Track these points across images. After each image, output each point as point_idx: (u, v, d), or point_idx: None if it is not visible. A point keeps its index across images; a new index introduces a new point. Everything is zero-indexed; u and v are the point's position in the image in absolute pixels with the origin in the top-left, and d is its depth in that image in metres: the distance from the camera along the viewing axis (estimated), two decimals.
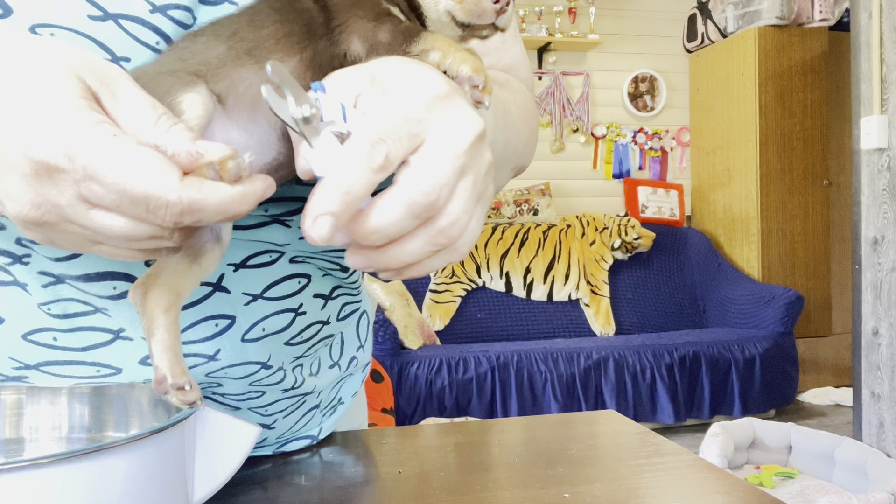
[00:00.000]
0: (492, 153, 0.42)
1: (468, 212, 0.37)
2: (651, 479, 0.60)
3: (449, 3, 0.42)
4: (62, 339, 0.50)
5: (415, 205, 0.35)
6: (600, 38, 4.49)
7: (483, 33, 0.43)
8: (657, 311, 4.23)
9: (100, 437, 0.53)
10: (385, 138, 0.34)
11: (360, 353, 0.73)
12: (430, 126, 0.36)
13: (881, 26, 2.74)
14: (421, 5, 0.43)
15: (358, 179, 0.33)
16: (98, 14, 0.42)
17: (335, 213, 0.33)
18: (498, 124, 0.51)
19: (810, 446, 2.62)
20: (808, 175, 4.26)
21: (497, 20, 0.42)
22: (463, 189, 0.37)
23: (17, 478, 0.35)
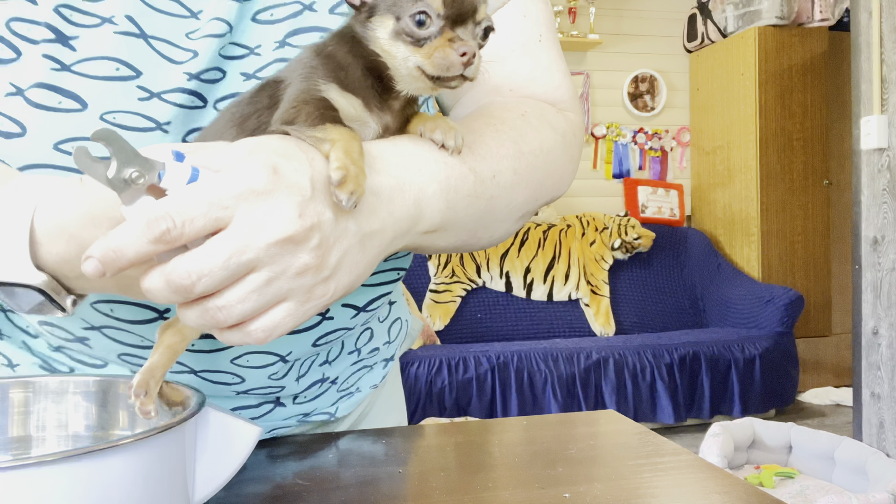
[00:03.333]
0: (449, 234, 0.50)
1: (249, 302, 0.40)
2: (651, 479, 0.60)
3: (418, 60, 0.46)
4: (117, 311, 0.58)
5: (171, 282, 0.39)
6: (600, 38, 4.49)
7: (452, 84, 0.46)
8: (657, 311, 4.23)
9: (106, 435, 0.53)
10: (173, 215, 0.38)
11: (385, 347, 0.77)
12: (235, 215, 0.39)
13: (881, 26, 2.74)
14: (391, 66, 0.47)
15: (128, 243, 0.38)
16: (146, 95, 0.54)
17: (100, 259, 0.38)
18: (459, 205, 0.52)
19: (810, 446, 2.62)
20: (808, 175, 4.26)
21: (465, 71, 0.45)
22: (250, 281, 0.40)
23: (20, 475, 0.36)
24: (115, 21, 0.53)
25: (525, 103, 0.62)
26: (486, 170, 0.53)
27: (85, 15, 0.53)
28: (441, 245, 0.54)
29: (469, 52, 0.45)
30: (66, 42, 0.52)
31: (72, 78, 0.52)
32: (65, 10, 0.52)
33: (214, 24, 0.56)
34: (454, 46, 0.45)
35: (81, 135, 0.52)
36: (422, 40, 0.46)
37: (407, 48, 0.46)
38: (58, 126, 0.51)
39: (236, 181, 0.39)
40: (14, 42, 0.51)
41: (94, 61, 0.52)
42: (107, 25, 0.53)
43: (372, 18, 0.47)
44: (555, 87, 0.66)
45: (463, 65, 0.45)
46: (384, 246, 0.47)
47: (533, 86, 0.65)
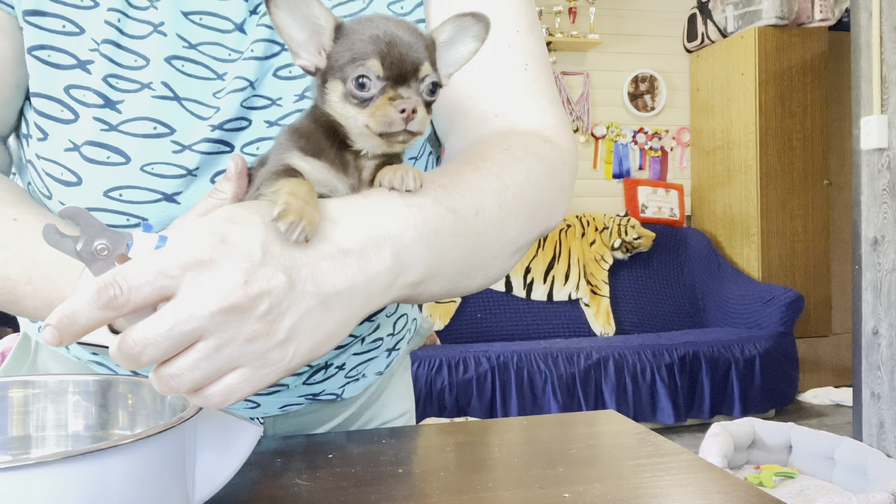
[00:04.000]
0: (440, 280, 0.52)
1: (199, 370, 0.41)
2: (651, 479, 0.60)
3: (364, 119, 0.49)
4: None
5: (122, 350, 0.40)
6: (600, 38, 4.49)
7: (399, 139, 0.49)
8: (657, 311, 4.23)
9: (105, 435, 0.53)
10: (120, 282, 0.39)
11: (389, 338, 0.80)
12: (181, 284, 0.40)
13: (881, 26, 2.74)
14: (346, 126, 0.51)
15: (80, 309, 0.40)
16: (178, 148, 0.61)
17: (55, 326, 0.40)
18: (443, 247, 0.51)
19: (810, 446, 2.62)
20: (808, 175, 4.26)
21: (409, 126, 0.49)
22: (198, 350, 0.41)
23: (20, 476, 0.36)
24: (153, 87, 0.61)
25: (509, 137, 0.63)
26: (467, 207, 0.53)
27: (128, 82, 0.61)
28: (435, 291, 0.54)
29: (408, 109, 0.48)
30: (114, 106, 0.60)
31: (118, 136, 0.60)
32: (112, 79, 0.60)
33: (236, 82, 0.63)
34: (394, 104, 0.48)
35: (127, 184, 0.60)
36: (365, 101, 0.49)
37: (354, 109, 0.50)
38: (107, 177, 0.59)
39: (181, 250, 0.41)
40: (73, 105, 0.60)
41: (135, 121, 0.60)
42: (146, 91, 0.61)
43: (326, 84, 0.51)
44: (540, 112, 0.67)
45: (404, 120, 0.48)
46: (358, 305, 0.46)
47: (518, 112, 0.66)
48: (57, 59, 0.60)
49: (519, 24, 0.69)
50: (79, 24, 0.60)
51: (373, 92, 0.49)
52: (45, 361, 0.76)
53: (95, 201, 0.60)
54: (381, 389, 0.85)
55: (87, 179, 0.59)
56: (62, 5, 0.60)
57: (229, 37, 0.64)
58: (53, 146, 0.60)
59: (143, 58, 0.61)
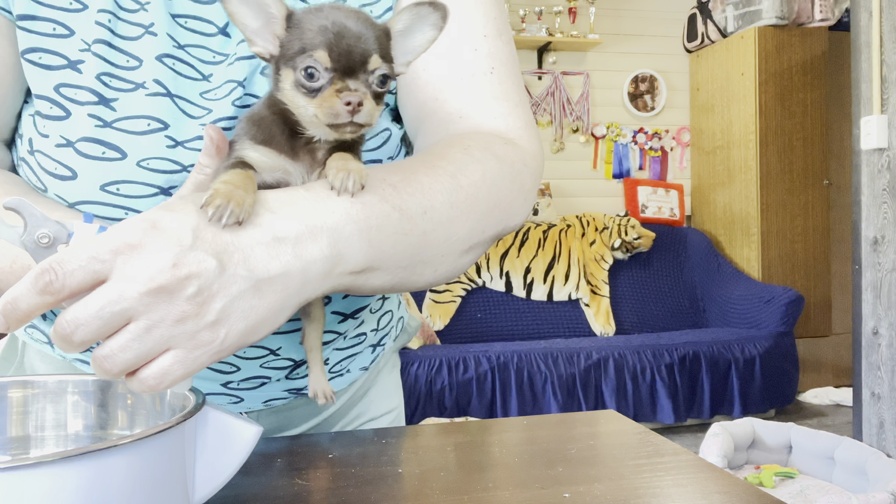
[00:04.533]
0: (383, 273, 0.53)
1: (131, 351, 0.42)
2: (651, 479, 0.60)
3: (313, 109, 0.50)
4: None
5: (56, 332, 0.42)
6: (600, 38, 4.49)
7: (347, 130, 0.50)
8: (657, 311, 4.23)
9: (105, 435, 0.53)
10: (55, 268, 0.41)
11: (373, 334, 0.81)
12: (112, 268, 0.42)
13: (881, 26, 2.74)
14: (297, 114, 0.52)
15: (21, 294, 0.41)
16: (172, 144, 0.63)
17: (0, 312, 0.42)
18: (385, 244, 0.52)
19: (810, 446, 2.62)
20: (808, 175, 4.26)
21: (355, 118, 0.49)
22: (129, 331, 0.42)
23: (19, 476, 0.35)
24: (147, 86, 0.63)
25: (470, 137, 0.63)
26: (415, 206, 0.54)
27: (122, 81, 0.63)
28: (377, 284, 0.54)
29: (354, 102, 0.49)
30: (108, 104, 0.62)
31: (113, 133, 0.62)
32: (105, 77, 0.62)
33: (227, 86, 0.65)
34: (340, 97, 0.49)
35: (123, 178, 0.62)
36: (314, 91, 0.50)
37: (304, 98, 0.51)
38: (103, 172, 0.61)
39: (113, 236, 0.42)
40: (63, 103, 0.62)
41: (130, 119, 0.62)
42: (140, 90, 0.63)
43: (280, 71, 0.52)
44: (505, 115, 0.68)
45: (349, 113, 0.49)
46: (294, 289, 0.47)
47: (482, 115, 0.67)
48: (48, 61, 0.62)
49: (487, 29, 0.70)
50: (68, 26, 0.62)
51: (321, 83, 0.50)
52: (31, 361, 0.78)
53: (92, 195, 0.62)
54: (368, 386, 0.86)
55: (83, 174, 0.61)
56: (52, 9, 0.62)
57: (213, 40, 0.66)
58: (47, 142, 0.62)
59: (136, 59, 0.63)
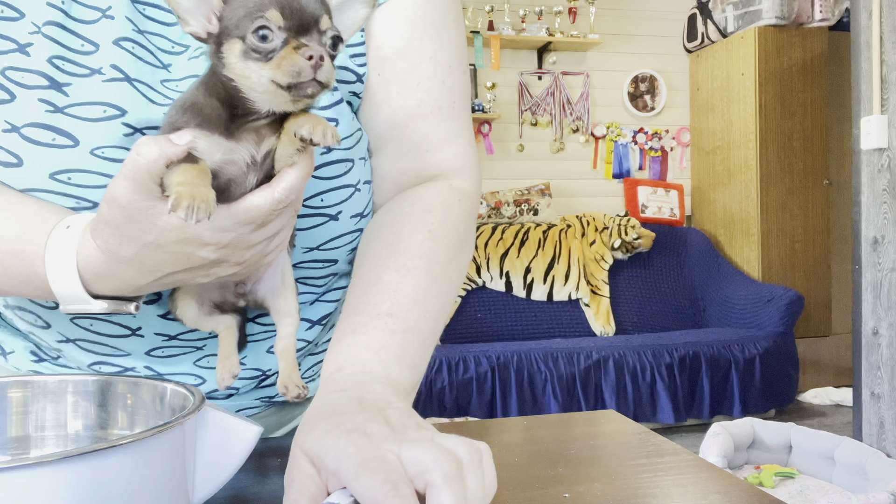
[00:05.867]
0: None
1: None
2: (651, 479, 0.60)
3: (269, 73, 0.48)
4: (96, 326, 0.65)
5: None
6: (600, 38, 4.49)
7: (308, 91, 0.48)
8: (657, 311, 4.23)
9: (105, 435, 0.53)
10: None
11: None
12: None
13: (881, 26, 2.74)
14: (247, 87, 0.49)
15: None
16: (129, 131, 0.60)
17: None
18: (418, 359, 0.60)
19: (810, 446, 2.62)
20: (808, 175, 4.26)
21: (317, 75, 0.47)
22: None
23: (19, 476, 0.35)
24: (104, 71, 0.60)
25: (431, 213, 0.67)
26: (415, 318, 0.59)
27: (77, 66, 0.60)
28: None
29: (316, 55, 0.47)
30: (60, 88, 0.59)
31: (65, 119, 0.58)
32: (58, 60, 0.59)
33: (190, 81, 0.62)
34: (300, 52, 0.47)
35: (75, 167, 0.59)
36: (269, 54, 0.48)
37: (257, 65, 0.48)
38: (53, 159, 0.58)
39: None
40: (9, 87, 0.58)
41: (85, 105, 0.59)
42: (96, 76, 0.60)
43: (222, 47, 0.49)
44: (461, 153, 0.72)
45: (312, 68, 0.47)
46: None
47: (443, 151, 0.71)
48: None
49: (451, 60, 0.71)
50: (18, 8, 0.59)
51: (275, 43, 0.48)
52: None
53: (40, 183, 0.59)
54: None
55: (29, 161, 0.58)
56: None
57: (173, 29, 0.64)
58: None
59: (92, 43, 0.61)
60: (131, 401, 0.53)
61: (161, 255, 0.51)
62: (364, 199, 0.69)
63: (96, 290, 0.54)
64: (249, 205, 0.50)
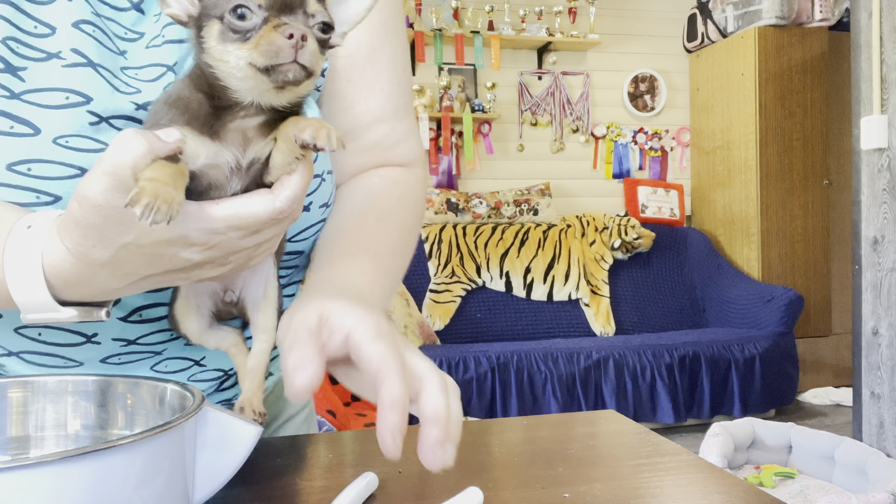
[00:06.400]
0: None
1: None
2: (651, 479, 0.60)
3: (246, 54, 0.44)
4: (45, 335, 0.60)
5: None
6: (600, 38, 4.49)
7: (289, 76, 0.44)
8: (657, 311, 4.23)
9: (104, 435, 0.53)
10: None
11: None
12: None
13: (881, 26, 2.74)
14: (225, 73, 0.45)
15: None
16: (95, 120, 0.56)
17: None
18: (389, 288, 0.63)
19: (810, 446, 2.62)
20: (808, 175, 4.26)
21: (298, 57, 0.43)
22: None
23: (19, 476, 0.35)
24: (63, 56, 0.56)
25: (399, 185, 0.73)
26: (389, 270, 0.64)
27: (31, 49, 0.55)
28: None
29: (297, 34, 0.43)
30: (15, 72, 0.54)
31: (22, 106, 0.54)
32: (11, 42, 0.54)
33: (154, 70, 0.60)
34: (280, 30, 0.43)
35: (35, 157, 0.54)
36: (247, 33, 0.44)
37: (234, 46, 0.44)
38: (10, 149, 0.53)
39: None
40: None
41: (43, 92, 0.55)
42: (54, 60, 0.55)
43: (202, 31, 0.46)
44: (414, 148, 0.78)
45: (293, 48, 0.43)
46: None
47: (400, 147, 0.76)
48: None
49: (404, 62, 0.75)
50: None
51: (255, 22, 0.44)
52: None
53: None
54: (281, 385, 0.87)
55: None
56: None
57: (124, 15, 0.61)
58: None
59: (47, 26, 0.56)
60: (131, 401, 0.53)
61: (140, 256, 0.46)
62: (329, 188, 0.70)
63: (64, 297, 0.49)
64: (247, 211, 0.47)
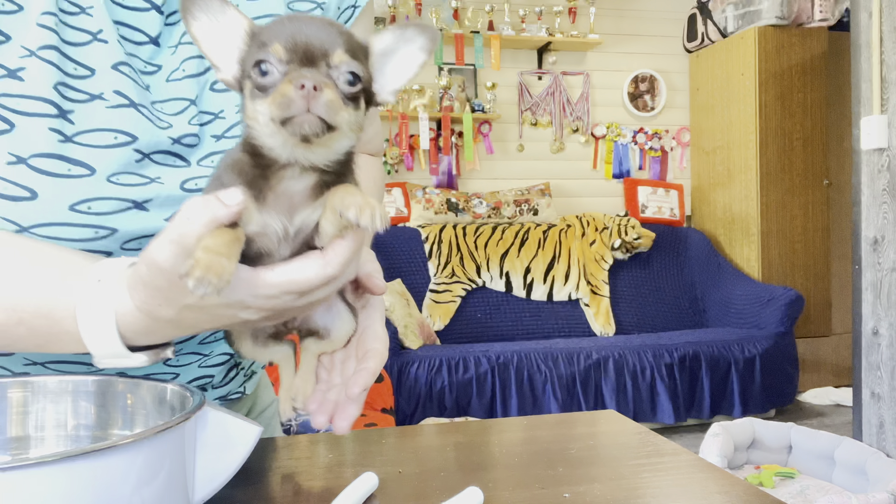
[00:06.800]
0: None
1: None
2: (651, 479, 0.60)
3: (267, 108, 0.44)
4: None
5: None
6: (600, 38, 4.49)
7: (305, 128, 0.43)
8: (657, 311, 4.23)
9: (104, 435, 0.53)
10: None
11: None
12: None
13: (881, 26, 2.74)
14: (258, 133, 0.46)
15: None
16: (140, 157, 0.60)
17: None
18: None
19: (810, 446, 2.62)
20: (808, 175, 4.26)
21: (312, 108, 0.43)
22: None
23: (19, 476, 0.35)
24: (106, 97, 0.59)
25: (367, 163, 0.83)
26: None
27: (76, 91, 0.58)
28: None
29: (308, 84, 0.43)
30: (66, 116, 0.57)
31: (76, 148, 0.57)
32: (61, 87, 0.57)
33: (178, 104, 0.63)
34: (293, 82, 0.43)
35: (93, 196, 0.57)
36: (268, 89, 0.44)
37: (260, 102, 0.45)
38: (71, 190, 0.56)
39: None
40: (5, 115, 0.55)
41: (93, 133, 0.58)
42: (97, 101, 0.58)
43: (243, 90, 0.47)
44: (380, 142, 0.92)
45: (304, 98, 0.43)
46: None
47: (373, 143, 0.88)
48: None
49: None
50: (2, 31, 0.56)
51: (275, 77, 0.44)
52: None
53: (59, 216, 0.56)
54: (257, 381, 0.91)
55: (45, 194, 0.55)
56: None
57: (143, 49, 0.63)
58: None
59: (86, 67, 0.59)
60: (131, 401, 0.53)
61: (202, 315, 0.49)
62: None
63: (133, 344, 0.52)
64: (298, 277, 0.47)
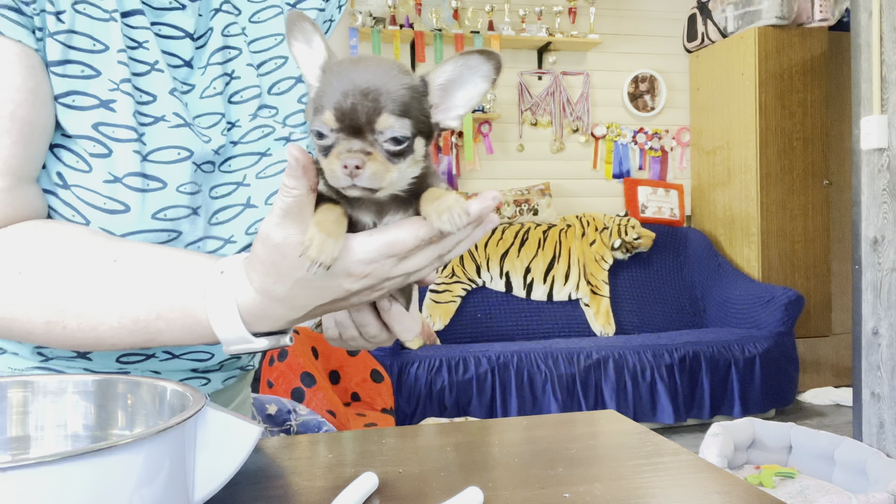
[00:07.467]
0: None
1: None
2: (651, 479, 0.60)
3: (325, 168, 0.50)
4: None
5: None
6: (600, 38, 4.49)
7: (354, 193, 0.50)
8: (657, 311, 4.23)
9: (104, 435, 0.53)
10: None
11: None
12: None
13: (881, 26, 2.74)
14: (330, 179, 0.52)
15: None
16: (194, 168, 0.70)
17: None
18: None
19: (810, 446, 2.62)
20: (808, 175, 4.26)
21: (357, 181, 0.48)
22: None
23: (19, 476, 0.35)
24: (167, 119, 0.69)
25: None
26: None
27: (144, 116, 0.68)
28: None
29: (351, 165, 0.48)
30: (140, 138, 0.67)
31: (151, 165, 0.67)
32: (137, 115, 0.67)
33: (212, 117, 0.73)
34: (339, 159, 0.48)
35: (168, 204, 0.67)
36: (326, 150, 0.49)
37: (322, 161, 0.50)
38: (152, 202, 0.67)
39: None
40: (105, 142, 0.66)
41: (162, 150, 0.68)
42: (161, 123, 0.68)
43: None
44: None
45: (349, 176, 0.48)
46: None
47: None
48: (81, 102, 0.66)
49: None
50: (95, 67, 0.66)
51: (330, 141, 0.49)
52: None
53: (145, 224, 0.66)
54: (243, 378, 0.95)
55: (135, 206, 0.66)
56: (80, 52, 0.66)
57: (180, 71, 0.72)
58: (90, 177, 0.65)
59: (149, 94, 0.68)
60: (131, 401, 0.53)
61: (310, 290, 0.53)
62: None
63: (254, 330, 0.57)
64: (394, 238, 0.51)
